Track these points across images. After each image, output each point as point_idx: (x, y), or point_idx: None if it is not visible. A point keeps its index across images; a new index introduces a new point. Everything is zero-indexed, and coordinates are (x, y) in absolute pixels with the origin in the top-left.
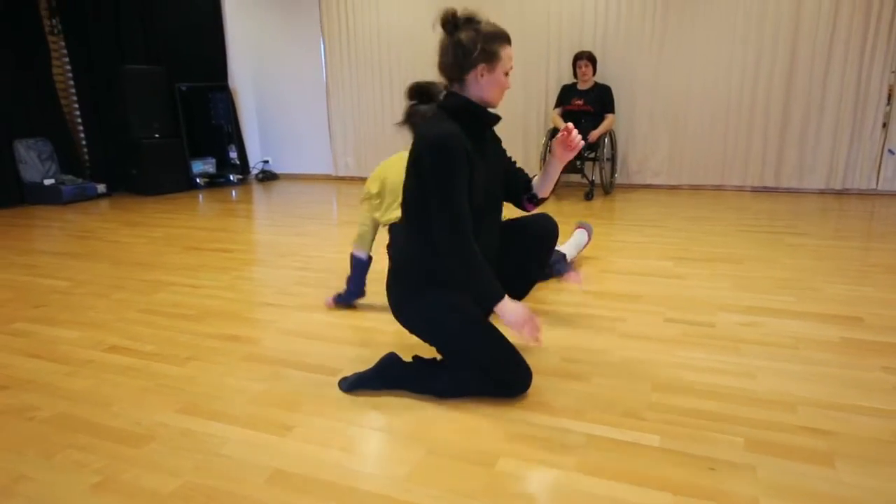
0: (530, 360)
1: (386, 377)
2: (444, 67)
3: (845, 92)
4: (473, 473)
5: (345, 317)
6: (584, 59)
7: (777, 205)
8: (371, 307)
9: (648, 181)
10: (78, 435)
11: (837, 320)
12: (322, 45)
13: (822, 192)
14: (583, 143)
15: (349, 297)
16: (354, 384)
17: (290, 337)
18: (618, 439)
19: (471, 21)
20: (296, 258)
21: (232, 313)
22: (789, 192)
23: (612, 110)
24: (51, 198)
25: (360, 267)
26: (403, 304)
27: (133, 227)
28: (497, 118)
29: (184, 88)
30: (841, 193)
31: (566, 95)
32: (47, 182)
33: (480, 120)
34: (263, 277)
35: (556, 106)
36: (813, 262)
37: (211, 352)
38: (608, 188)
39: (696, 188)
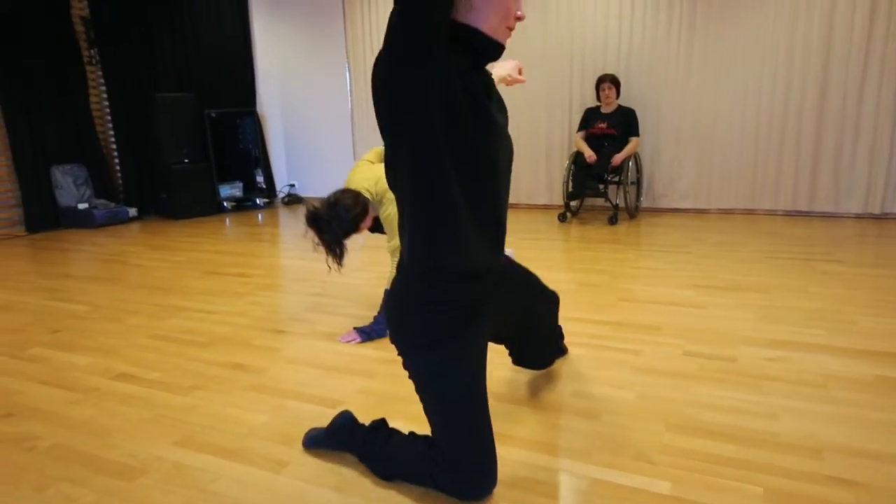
0: (538, 393)
1: (338, 439)
2: None
3: (882, 114)
4: None
5: (352, 346)
6: (607, 81)
7: (811, 230)
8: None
9: (675, 205)
10: (73, 467)
11: (872, 356)
12: (347, 73)
13: (859, 217)
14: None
15: (377, 334)
16: (312, 442)
17: (295, 366)
18: (625, 485)
19: None
20: (312, 283)
21: (241, 340)
22: (824, 216)
23: (636, 133)
24: (84, 221)
25: None
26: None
27: (158, 250)
28: (500, 47)
29: (213, 115)
30: (880, 218)
31: (590, 118)
32: (81, 206)
33: (484, 50)
34: (277, 303)
35: (580, 129)
36: (847, 291)
37: (215, 381)
38: (633, 212)
39: (725, 212)
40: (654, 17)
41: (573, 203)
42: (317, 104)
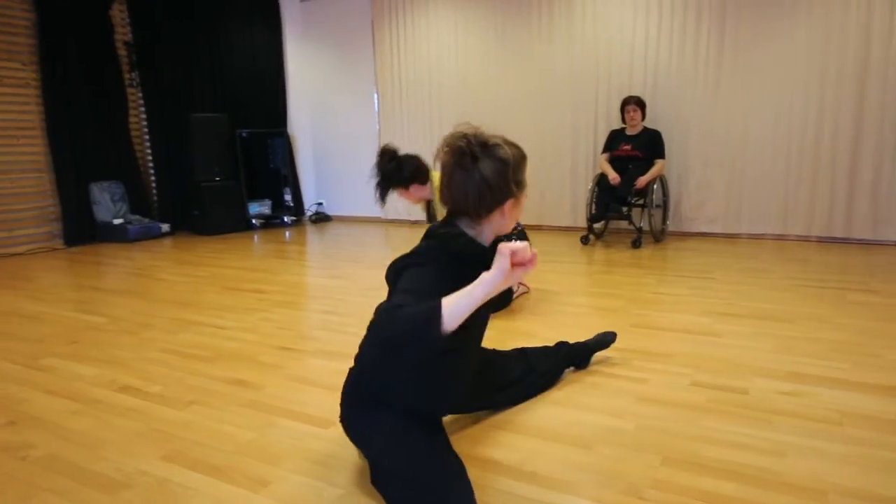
0: (530, 419)
1: None
2: (461, 204)
3: None
4: None
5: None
6: (633, 103)
7: (847, 257)
8: None
9: (703, 229)
10: (60, 478)
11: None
12: (376, 96)
13: None
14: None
15: None
16: None
17: (294, 384)
18: None
19: (488, 147)
20: (325, 301)
21: (246, 356)
22: (862, 243)
23: (661, 155)
24: (118, 236)
25: None
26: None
27: (183, 265)
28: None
29: (244, 134)
30: None
31: (614, 140)
32: (116, 221)
33: (481, 265)
34: (287, 320)
35: (604, 151)
36: (878, 323)
37: (214, 396)
38: (659, 236)
39: (755, 237)
40: (682, 36)
41: (596, 226)
42: (345, 126)
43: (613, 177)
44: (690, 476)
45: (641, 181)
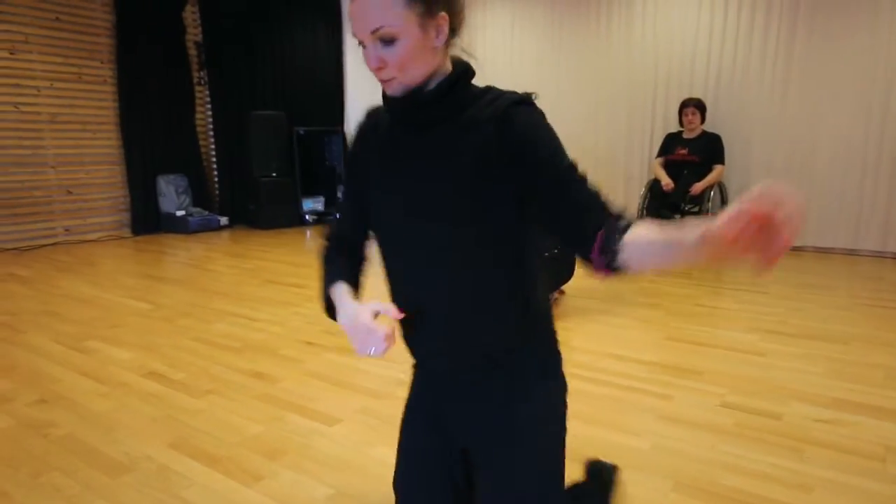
0: None
1: None
2: None
3: None
4: None
5: (371, 362)
6: (692, 106)
7: None
8: None
9: None
10: (71, 458)
11: None
12: None
13: None
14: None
15: None
16: None
17: (310, 379)
18: None
19: None
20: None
21: (270, 349)
22: None
23: (721, 161)
24: (180, 227)
25: None
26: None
27: (233, 257)
28: (397, 106)
29: (301, 132)
30: None
31: (670, 144)
32: (179, 213)
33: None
34: (317, 315)
35: (659, 155)
36: None
37: (231, 387)
38: None
39: (823, 251)
40: (748, 33)
41: None
42: None
43: (666, 182)
44: None
45: (697, 187)
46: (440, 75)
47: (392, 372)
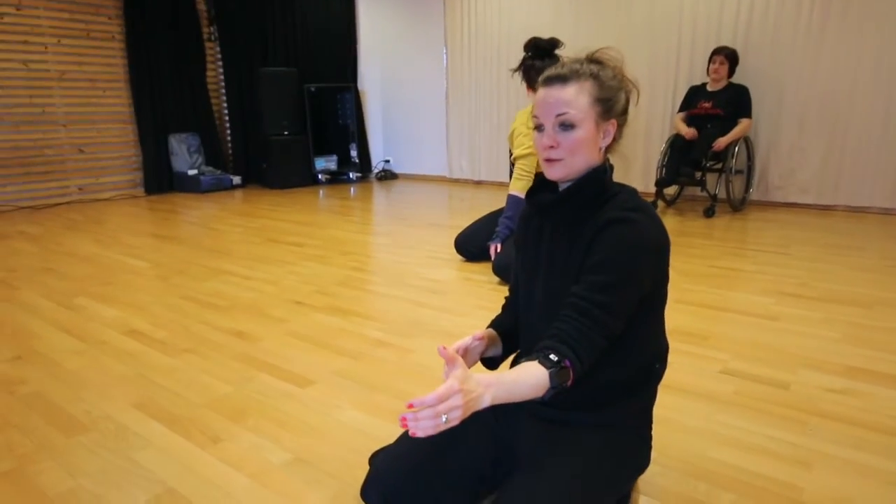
0: None
1: None
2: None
3: None
4: None
5: (356, 324)
6: (722, 55)
7: None
8: (398, 324)
9: (792, 199)
10: (32, 416)
11: None
12: (445, 54)
13: None
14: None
15: (502, 235)
16: None
17: (291, 339)
18: None
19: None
20: (355, 257)
21: (257, 308)
22: None
23: (748, 114)
24: (191, 186)
25: (519, 206)
26: None
27: (240, 216)
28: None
29: (312, 89)
30: None
31: (693, 97)
32: (191, 172)
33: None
34: (312, 274)
35: (681, 109)
36: None
37: (210, 346)
38: (738, 205)
39: (855, 210)
40: None
41: (667, 191)
42: (414, 83)
43: (688, 131)
44: (682, 480)
45: (721, 142)
46: (592, 170)
47: (375, 332)
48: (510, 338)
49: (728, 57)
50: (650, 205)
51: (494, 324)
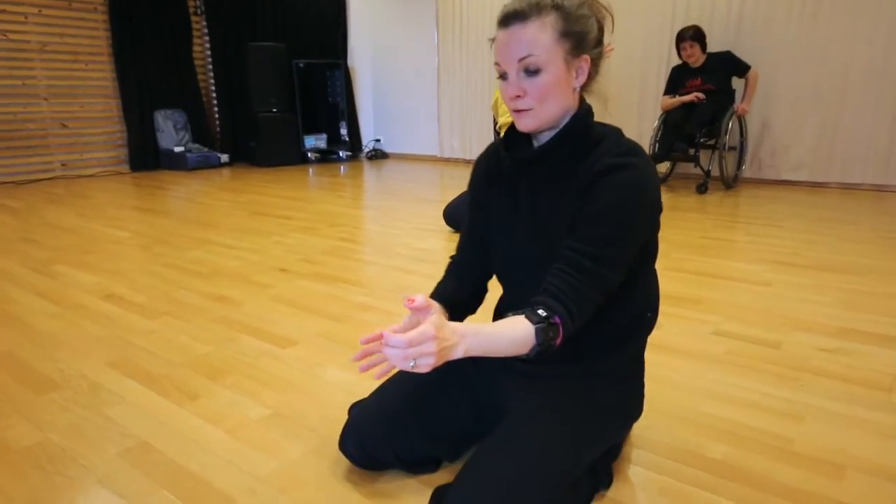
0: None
1: None
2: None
3: None
4: (343, 496)
5: (341, 288)
6: (688, 39)
7: None
8: (381, 287)
9: (785, 176)
10: (2, 375)
11: None
12: (436, 31)
13: None
14: None
15: None
16: None
17: (274, 304)
18: None
19: None
20: (343, 229)
21: (241, 275)
22: None
23: (747, 67)
24: (178, 164)
25: None
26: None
27: (228, 192)
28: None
29: (301, 65)
30: None
31: (678, 79)
32: (177, 149)
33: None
34: (299, 244)
35: (667, 91)
36: None
37: (189, 310)
38: (731, 182)
39: (848, 187)
40: None
41: (659, 168)
42: (405, 61)
43: (691, 96)
44: (674, 433)
45: (743, 108)
46: (568, 116)
47: (360, 297)
48: (455, 310)
49: (695, 38)
50: (639, 145)
51: (437, 294)
